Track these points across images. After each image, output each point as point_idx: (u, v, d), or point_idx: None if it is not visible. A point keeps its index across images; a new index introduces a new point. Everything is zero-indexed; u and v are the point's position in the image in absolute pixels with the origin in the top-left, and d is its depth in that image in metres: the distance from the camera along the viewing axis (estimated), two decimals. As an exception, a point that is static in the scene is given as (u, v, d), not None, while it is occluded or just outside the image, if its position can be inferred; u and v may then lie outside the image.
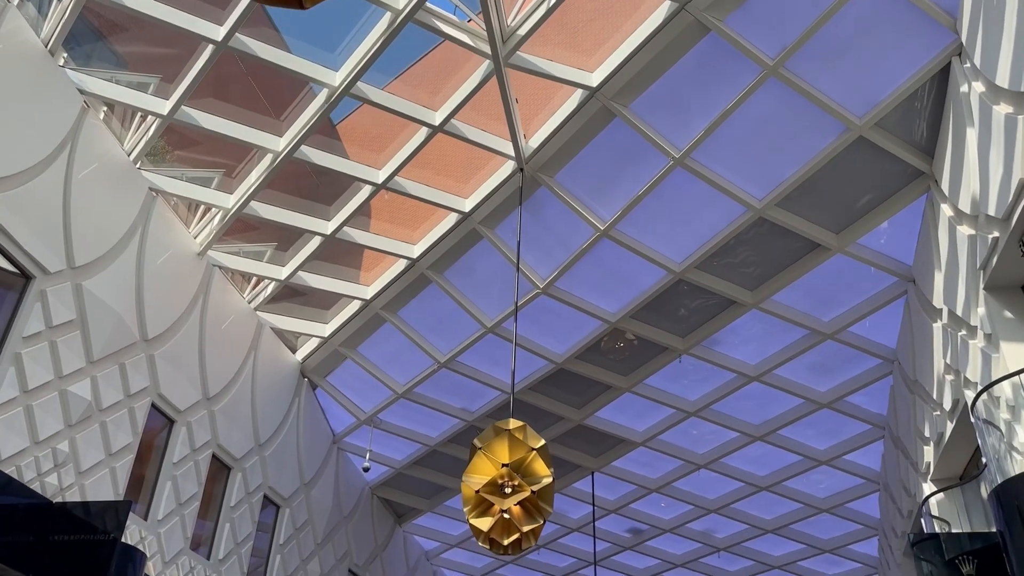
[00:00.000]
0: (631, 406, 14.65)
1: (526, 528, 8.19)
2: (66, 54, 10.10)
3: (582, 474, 16.16)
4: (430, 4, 9.42)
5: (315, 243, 12.59)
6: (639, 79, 10.11)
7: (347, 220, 12.11)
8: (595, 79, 10.23)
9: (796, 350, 12.64)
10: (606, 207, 11.41)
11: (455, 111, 10.55)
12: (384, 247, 12.79)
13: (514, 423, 8.44)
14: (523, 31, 9.63)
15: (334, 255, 13.70)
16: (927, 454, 11.08)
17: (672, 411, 14.46)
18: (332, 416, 16.11)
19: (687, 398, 14.21)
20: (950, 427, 9.97)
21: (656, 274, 11.96)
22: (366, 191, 11.77)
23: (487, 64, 10.03)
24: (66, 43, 9.94)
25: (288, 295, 14.20)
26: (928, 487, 11.16)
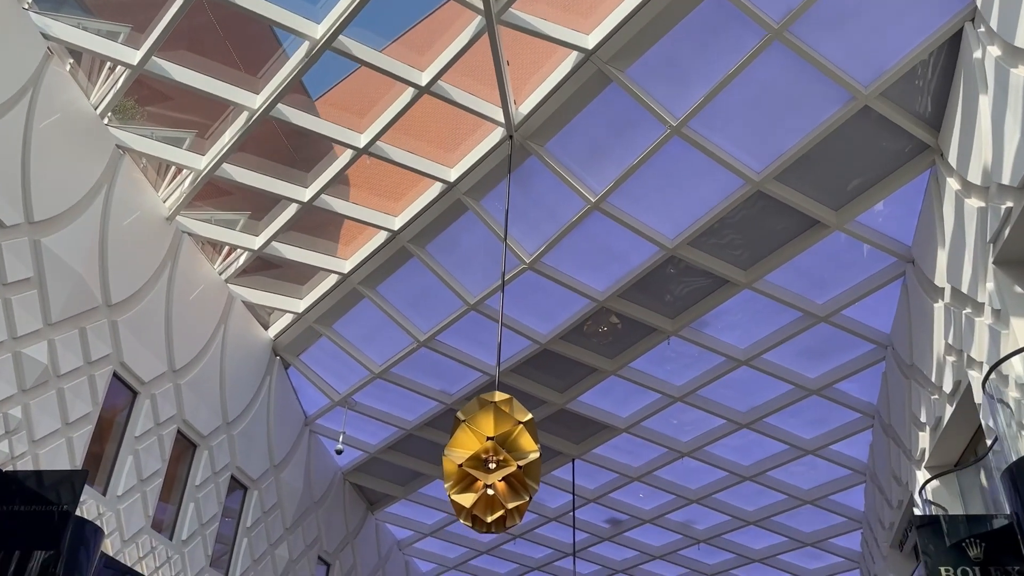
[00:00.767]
0: (615, 391, 14.22)
1: (511, 505, 7.72)
2: (30, -3, 9.48)
3: (562, 461, 15.71)
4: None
5: (291, 211, 12.02)
6: (636, 42, 9.66)
7: (326, 187, 11.55)
8: (591, 41, 9.78)
9: (787, 333, 12.27)
10: (598, 178, 10.96)
11: (444, 70, 10.04)
12: (364, 217, 12.23)
13: (500, 396, 7.92)
14: (518, -16, 9.17)
15: (311, 226, 13.14)
16: (922, 440, 10.75)
17: (657, 396, 14.05)
18: (304, 397, 15.52)
19: (673, 383, 13.81)
20: (949, 411, 9.64)
21: (647, 250, 11.54)
22: (347, 156, 11.22)
23: (479, 20, 9.54)
24: (30, -16, 9.32)
25: (261, 267, 13.60)
26: (922, 475, 10.84)
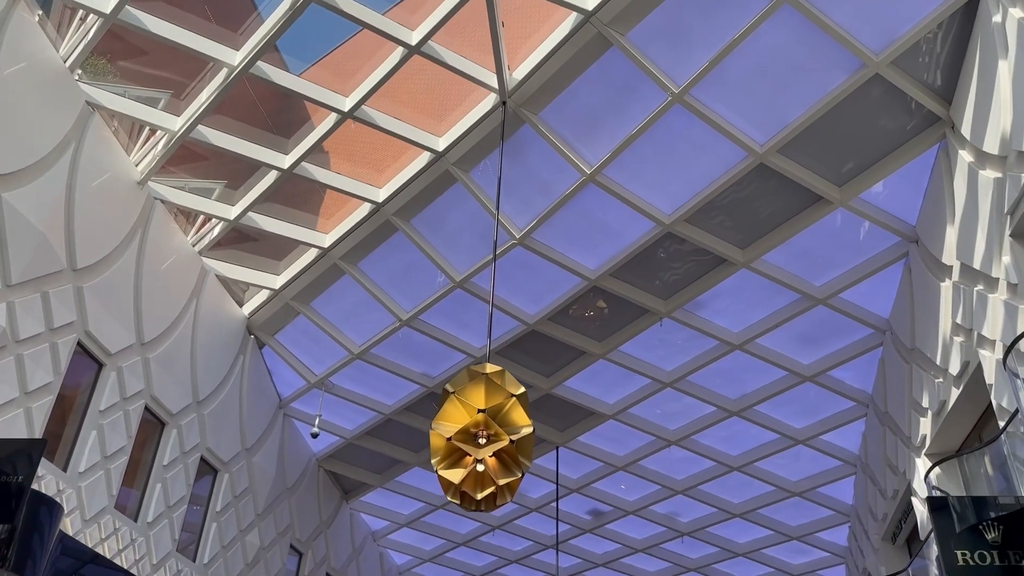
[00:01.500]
0: (603, 376, 13.78)
1: (503, 481, 7.24)
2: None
3: (546, 449, 15.23)
4: None
5: (270, 179, 11.46)
6: (639, 4, 9.21)
7: (308, 153, 11.01)
8: (590, 2, 9.32)
9: (783, 317, 11.90)
10: (593, 149, 10.51)
11: (436, 28, 9.54)
12: (346, 187, 11.68)
13: (491, 367, 7.43)
14: (518, -65, 8.69)
15: (290, 198, 12.57)
16: (923, 426, 10.42)
17: (646, 382, 13.63)
18: (279, 379, 14.92)
19: (663, 368, 13.40)
20: (955, 394, 9.30)
21: (642, 227, 11.11)
22: (331, 120, 10.68)
23: (474, -26, 9.06)
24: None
25: (236, 240, 13.01)
26: (922, 462, 10.52)
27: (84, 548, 9.61)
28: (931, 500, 7.67)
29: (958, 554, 6.87)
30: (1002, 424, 7.64)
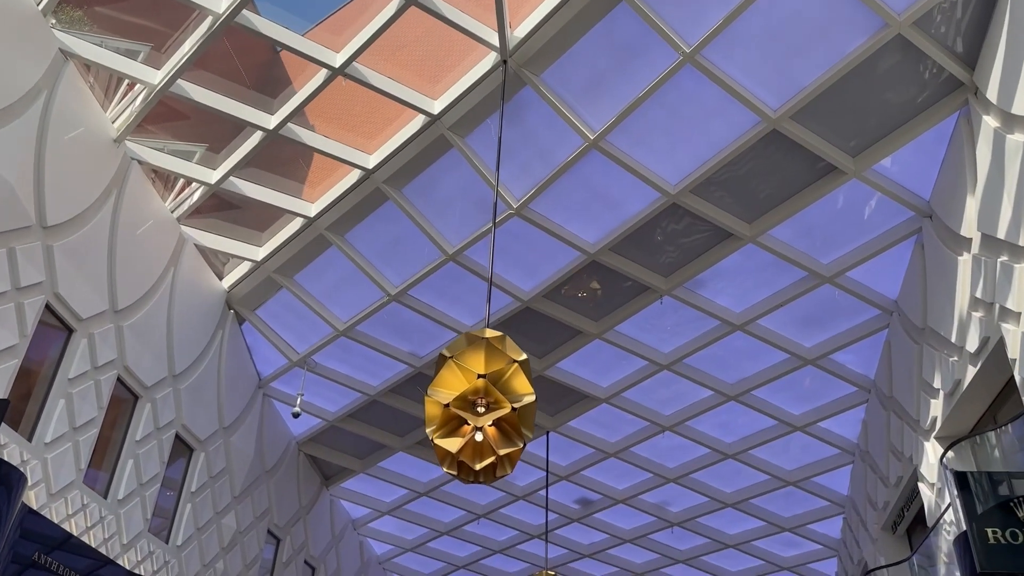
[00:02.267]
0: (597, 357, 13.30)
1: (503, 451, 6.73)
2: None
3: (535, 434, 14.72)
4: None
5: (254, 140, 10.87)
6: (651, -43, 8.78)
7: (295, 113, 10.44)
8: (600, -46, 8.86)
9: (786, 297, 11.49)
10: (597, 115, 10.03)
11: (436, -23, 9.03)
12: (335, 151, 11.11)
13: (491, 332, 6.90)
14: None
15: (275, 163, 11.99)
16: (934, 408, 10.04)
17: (642, 364, 13.16)
18: (259, 357, 14.32)
19: (660, 350, 12.94)
20: (971, 372, 8.92)
21: (646, 197, 10.65)
22: (320, 77, 10.12)
23: (479, -80, 8.56)
24: None
25: (217, 207, 12.40)
26: (931, 445, 10.14)
27: (49, 523, 8.95)
28: (958, 476, 7.25)
29: (988, 532, 6.46)
30: (1028, 399, 7.27)
